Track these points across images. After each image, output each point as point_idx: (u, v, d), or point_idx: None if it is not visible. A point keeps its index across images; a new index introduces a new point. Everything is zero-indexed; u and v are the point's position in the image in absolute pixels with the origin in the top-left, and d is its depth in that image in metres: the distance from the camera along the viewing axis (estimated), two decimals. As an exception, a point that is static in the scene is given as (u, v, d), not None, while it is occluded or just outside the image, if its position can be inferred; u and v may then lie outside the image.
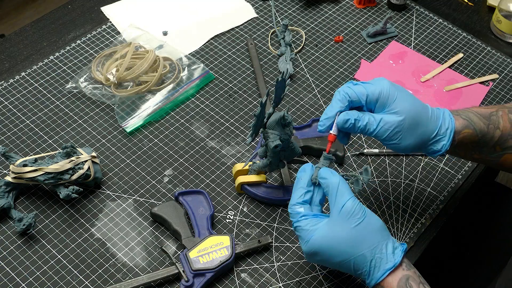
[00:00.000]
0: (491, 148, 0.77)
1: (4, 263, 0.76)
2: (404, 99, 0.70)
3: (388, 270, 0.65)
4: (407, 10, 1.18)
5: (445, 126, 0.73)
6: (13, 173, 0.79)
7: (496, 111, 0.77)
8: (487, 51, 1.10)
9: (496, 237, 1.04)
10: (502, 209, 1.09)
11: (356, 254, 0.65)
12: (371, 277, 0.65)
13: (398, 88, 0.71)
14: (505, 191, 1.17)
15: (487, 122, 0.76)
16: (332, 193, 0.66)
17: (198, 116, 0.96)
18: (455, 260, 1.05)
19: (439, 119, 0.73)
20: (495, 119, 0.77)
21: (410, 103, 0.70)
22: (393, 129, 0.69)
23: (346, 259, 0.65)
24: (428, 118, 0.71)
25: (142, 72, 0.95)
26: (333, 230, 0.65)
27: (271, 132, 0.76)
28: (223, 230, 0.82)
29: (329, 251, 0.65)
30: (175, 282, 0.76)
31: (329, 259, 0.66)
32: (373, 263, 0.65)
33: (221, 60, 1.05)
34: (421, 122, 0.71)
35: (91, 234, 0.80)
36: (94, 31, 1.08)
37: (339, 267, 0.67)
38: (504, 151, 0.78)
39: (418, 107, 0.71)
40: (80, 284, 0.75)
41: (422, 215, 0.85)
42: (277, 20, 1.13)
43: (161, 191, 0.85)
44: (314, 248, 0.66)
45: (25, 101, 0.95)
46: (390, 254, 0.65)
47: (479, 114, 0.76)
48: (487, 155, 0.78)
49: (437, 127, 0.72)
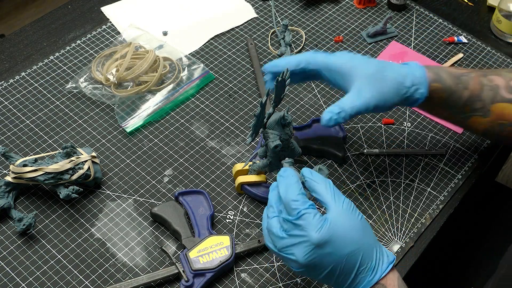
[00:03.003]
0: (461, 108, 0.79)
1: (4, 263, 0.76)
2: (363, 67, 0.73)
3: (391, 263, 0.64)
4: (407, 10, 1.18)
5: (416, 75, 0.75)
6: (13, 173, 0.79)
7: (468, 73, 0.79)
8: (487, 51, 1.10)
9: (496, 237, 1.04)
10: (502, 209, 1.09)
11: (366, 243, 0.63)
12: (376, 271, 0.63)
13: (357, 58, 0.75)
14: (505, 191, 1.17)
15: (456, 81, 0.78)
16: (328, 191, 0.64)
17: (198, 116, 0.96)
18: (455, 260, 1.05)
19: (407, 71, 0.75)
20: (465, 79, 0.78)
21: (369, 68, 0.73)
22: (366, 108, 0.72)
23: (357, 249, 0.62)
24: (394, 70, 0.74)
25: (142, 72, 0.95)
26: (345, 218, 0.62)
27: (271, 132, 0.76)
28: (223, 230, 0.82)
29: (344, 238, 0.61)
30: (175, 282, 0.76)
31: (339, 249, 0.61)
32: (378, 256, 0.63)
33: (221, 60, 1.05)
34: (387, 77, 0.73)
35: (91, 234, 0.80)
36: (94, 31, 1.08)
37: (336, 270, 0.62)
38: (472, 112, 0.79)
39: (380, 68, 0.74)
40: (80, 284, 0.75)
41: (422, 215, 0.85)
42: (277, 20, 1.13)
43: (161, 191, 0.85)
44: (329, 234, 0.60)
45: (25, 101, 0.95)
46: (385, 249, 0.65)
47: (450, 72, 0.78)
48: (456, 115, 0.80)
49: (408, 77, 0.75)
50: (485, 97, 0.78)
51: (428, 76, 0.76)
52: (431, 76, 0.76)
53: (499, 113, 0.78)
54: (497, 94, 0.78)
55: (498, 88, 0.78)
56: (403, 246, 0.82)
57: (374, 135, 0.95)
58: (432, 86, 0.76)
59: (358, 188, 0.87)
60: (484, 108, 0.78)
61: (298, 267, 0.63)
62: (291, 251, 0.62)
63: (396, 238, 0.83)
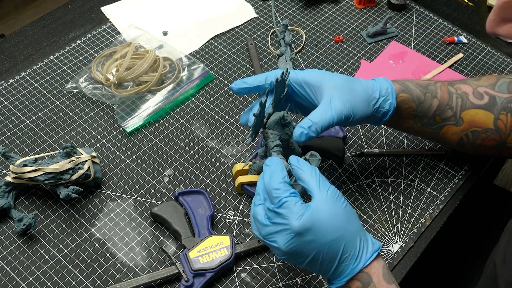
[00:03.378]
0: (431, 119, 0.80)
1: (4, 263, 0.76)
2: (333, 79, 0.74)
3: (376, 251, 0.64)
4: (407, 10, 1.18)
5: (384, 87, 0.76)
6: (13, 173, 0.79)
7: (435, 83, 0.81)
8: (487, 51, 1.10)
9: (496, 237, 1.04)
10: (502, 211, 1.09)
11: (349, 231, 0.63)
12: (359, 259, 0.63)
13: (326, 75, 0.75)
14: (503, 194, 1.18)
15: (423, 91, 0.79)
16: (313, 179, 0.64)
17: (198, 116, 0.96)
18: (455, 260, 1.05)
19: (375, 83, 0.77)
20: (432, 89, 0.80)
21: (338, 84, 0.74)
22: (337, 119, 0.72)
23: (340, 236, 0.62)
24: (362, 83, 0.76)
25: (142, 72, 0.95)
26: (328, 206, 0.62)
27: (271, 132, 0.76)
28: (223, 230, 0.82)
29: (326, 225, 0.61)
30: (175, 282, 0.76)
31: (321, 237, 0.61)
32: (362, 244, 0.63)
33: (221, 60, 1.05)
34: (355, 89, 0.74)
35: (91, 234, 0.80)
36: (94, 31, 1.08)
37: (319, 258, 0.62)
38: (443, 122, 0.80)
39: (348, 81, 0.75)
40: (80, 284, 0.75)
41: (422, 215, 0.85)
42: (277, 20, 1.13)
43: (161, 191, 0.85)
44: (310, 221, 0.61)
45: (25, 101, 0.95)
46: (371, 237, 0.65)
47: (416, 83, 0.80)
48: (428, 127, 0.81)
49: (376, 89, 0.76)
50: (455, 105, 0.80)
51: (395, 87, 0.78)
52: (398, 87, 0.78)
53: (471, 120, 0.80)
54: (466, 100, 0.80)
55: (467, 95, 0.80)
56: (403, 246, 0.82)
57: (374, 135, 0.95)
58: (400, 96, 0.78)
59: (358, 188, 0.87)
60: (455, 116, 0.80)
61: (281, 254, 0.64)
62: (274, 238, 0.63)
63: (396, 238, 0.83)
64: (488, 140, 0.81)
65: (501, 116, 0.79)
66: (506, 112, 0.79)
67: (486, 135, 0.80)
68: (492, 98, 0.80)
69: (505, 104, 0.79)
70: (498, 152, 0.83)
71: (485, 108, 0.79)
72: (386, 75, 1.04)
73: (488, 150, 0.83)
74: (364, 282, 0.63)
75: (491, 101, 0.80)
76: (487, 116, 0.79)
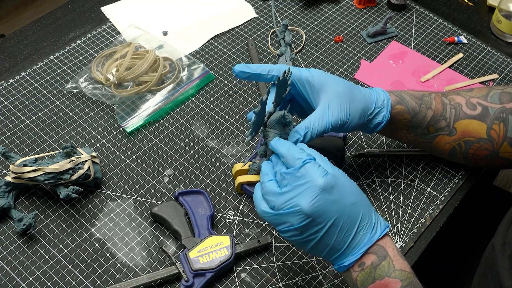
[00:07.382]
0: (425, 129, 0.81)
1: (4, 263, 0.76)
2: (334, 84, 0.74)
3: (387, 227, 0.65)
4: (407, 10, 1.18)
5: (380, 98, 0.77)
6: (13, 173, 0.79)
7: (429, 94, 0.82)
8: (487, 51, 1.10)
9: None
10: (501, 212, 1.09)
11: (365, 199, 0.64)
12: (376, 229, 0.63)
13: (328, 76, 0.75)
14: (503, 194, 1.17)
15: (419, 102, 0.80)
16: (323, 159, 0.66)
17: (198, 116, 0.96)
18: (455, 260, 1.05)
19: (373, 93, 0.77)
20: (427, 100, 0.81)
21: (339, 87, 0.74)
22: (332, 126, 0.72)
23: (359, 201, 0.63)
24: (361, 92, 0.76)
25: (142, 72, 0.95)
26: (344, 176, 0.64)
27: (271, 131, 0.76)
28: (223, 230, 0.82)
29: (347, 187, 0.62)
30: (175, 282, 0.76)
31: (344, 197, 0.62)
32: (376, 216, 0.64)
33: (221, 60, 1.05)
34: (355, 97, 0.74)
35: (91, 234, 0.80)
36: (94, 31, 1.08)
37: (339, 223, 0.61)
38: (437, 132, 0.82)
39: (349, 88, 0.75)
40: (80, 284, 0.75)
41: (422, 215, 0.85)
42: (277, 20, 1.13)
43: (161, 191, 0.85)
44: (335, 180, 0.61)
45: (25, 101, 0.95)
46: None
47: (411, 94, 0.81)
48: (421, 137, 0.82)
49: (374, 100, 0.76)
50: (448, 115, 0.81)
51: (391, 99, 0.78)
52: (394, 98, 0.79)
53: (464, 130, 0.81)
54: (460, 111, 0.81)
55: (460, 105, 0.81)
56: (403, 246, 0.82)
57: (374, 135, 0.95)
58: (396, 108, 0.78)
59: (358, 188, 0.87)
60: (449, 126, 0.81)
61: (301, 220, 0.61)
62: (295, 202, 0.61)
63: (396, 238, 0.83)
64: (481, 149, 0.82)
65: (494, 126, 0.80)
66: (499, 122, 0.80)
67: (479, 145, 0.81)
68: (485, 109, 0.81)
69: (497, 114, 0.81)
70: (490, 162, 0.84)
71: (478, 118, 0.81)
72: (386, 75, 1.05)
73: (480, 160, 0.84)
74: (380, 256, 0.63)
75: (484, 111, 0.81)
76: (480, 126, 0.81)
